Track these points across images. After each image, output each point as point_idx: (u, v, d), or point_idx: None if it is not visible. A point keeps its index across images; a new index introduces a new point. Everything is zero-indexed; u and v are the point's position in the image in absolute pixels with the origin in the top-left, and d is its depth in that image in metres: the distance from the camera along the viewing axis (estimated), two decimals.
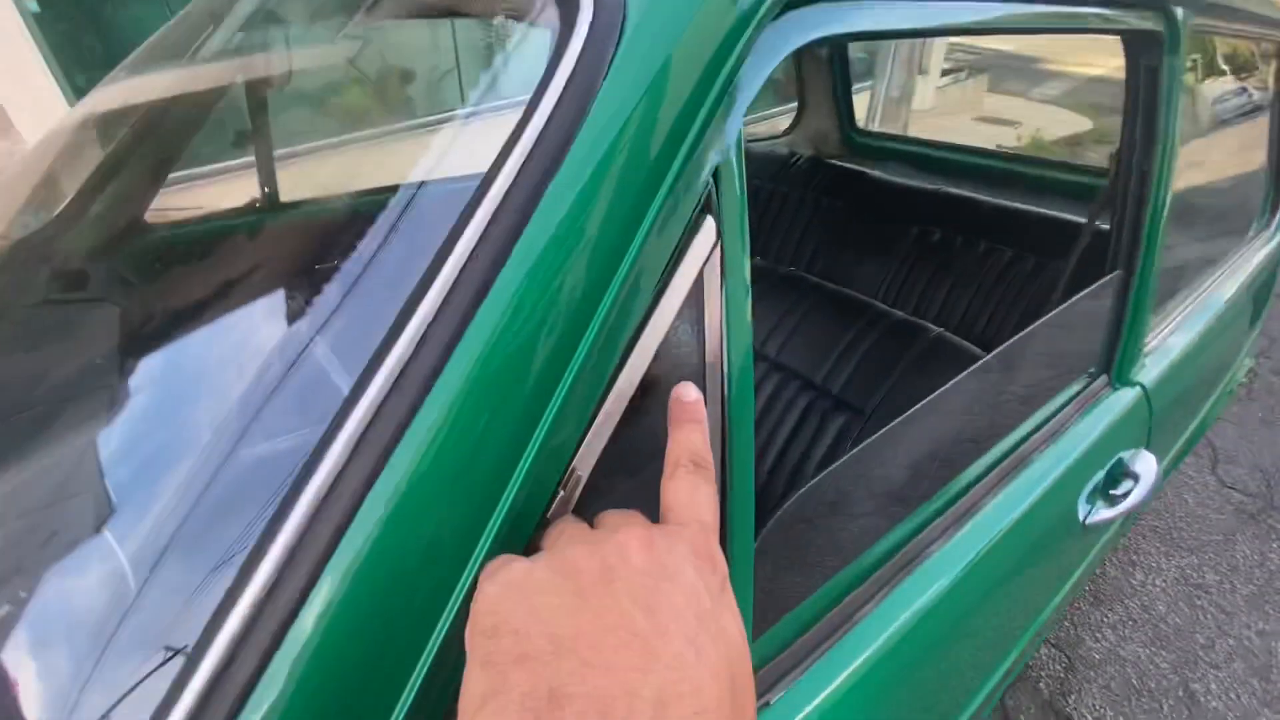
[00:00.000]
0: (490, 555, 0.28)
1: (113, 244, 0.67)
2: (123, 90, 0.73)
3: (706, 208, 0.34)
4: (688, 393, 0.32)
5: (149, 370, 0.48)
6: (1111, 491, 0.78)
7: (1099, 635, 1.68)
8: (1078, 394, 0.80)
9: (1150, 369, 0.88)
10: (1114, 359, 0.81)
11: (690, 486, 0.28)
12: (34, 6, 3.44)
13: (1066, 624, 1.69)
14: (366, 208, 0.45)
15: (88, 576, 0.36)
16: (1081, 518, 0.76)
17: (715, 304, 0.35)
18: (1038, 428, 0.77)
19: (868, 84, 5.41)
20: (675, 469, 0.29)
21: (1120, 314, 0.79)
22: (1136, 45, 0.72)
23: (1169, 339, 0.95)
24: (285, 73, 0.74)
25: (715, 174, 0.33)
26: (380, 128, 1.28)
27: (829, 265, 1.87)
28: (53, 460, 0.44)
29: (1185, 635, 1.68)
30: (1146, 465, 0.81)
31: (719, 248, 0.34)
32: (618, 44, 0.30)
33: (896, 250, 1.69)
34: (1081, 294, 0.81)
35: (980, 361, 0.80)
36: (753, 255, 1.47)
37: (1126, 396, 0.83)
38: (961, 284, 1.55)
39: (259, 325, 0.47)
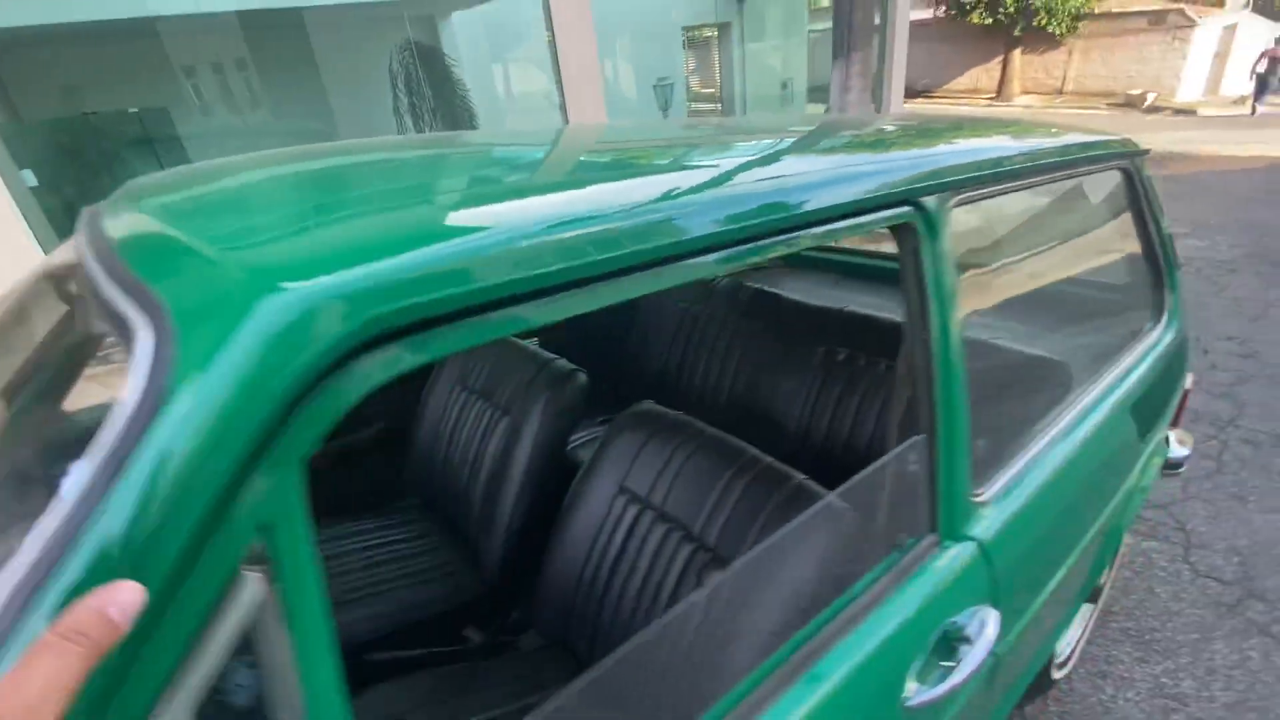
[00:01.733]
0: None
1: None
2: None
3: (257, 560, 0.36)
4: (119, 590, 0.30)
5: None
6: (942, 662, 0.76)
7: None
8: (904, 555, 0.79)
9: (990, 519, 0.87)
10: (936, 516, 0.81)
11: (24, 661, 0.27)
12: (31, 180, 3.73)
13: None
14: None
15: None
16: (905, 698, 0.72)
17: (282, 657, 0.36)
18: (860, 593, 0.76)
19: None
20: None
21: (932, 473, 0.80)
22: (898, 234, 0.77)
23: (1018, 480, 0.95)
24: None
25: (268, 525, 0.36)
26: None
27: (752, 385, 1.90)
28: None
29: None
30: (982, 624, 0.79)
31: (272, 600, 0.36)
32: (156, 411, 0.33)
33: (809, 369, 1.72)
34: (890, 455, 0.82)
35: (807, 513, 0.81)
36: (678, 382, 1.49)
37: (957, 554, 0.82)
38: (868, 402, 1.57)
39: None
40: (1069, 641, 1.72)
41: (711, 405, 1.98)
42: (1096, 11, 15.45)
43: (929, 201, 0.75)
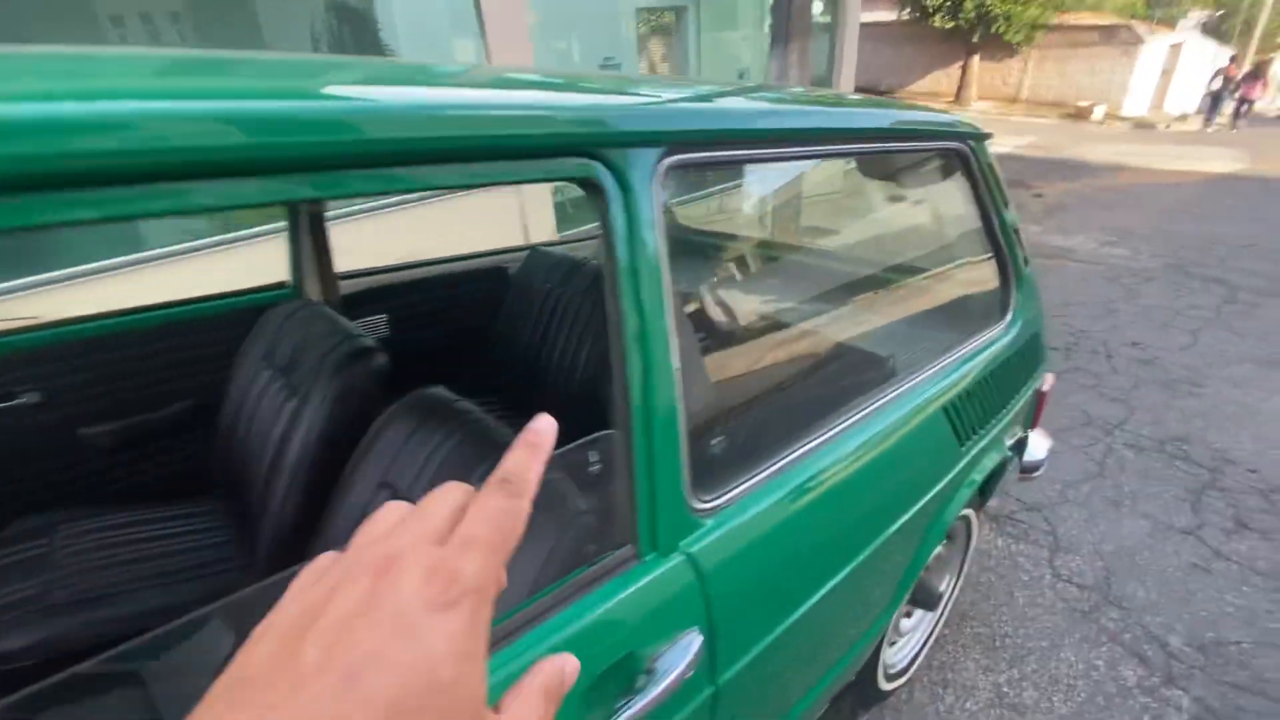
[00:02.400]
0: None
1: None
2: None
3: None
4: (539, 421, 0.30)
5: None
6: (620, 697, 0.64)
7: None
8: (590, 568, 0.68)
9: (716, 532, 0.76)
10: (635, 527, 0.70)
11: (479, 500, 0.26)
12: None
13: None
14: None
15: None
16: None
17: None
18: (526, 608, 0.64)
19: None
20: (485, 484, 0.27)
21: (630, 478, 0.68)
22: (588, 190, 0.64)
23: (769, 486, 0.84)
24: None
25: None
26: None
27: (602, 366, 1.79)
28: None
29: None
30: (677, 654, 0.68)
31: None
32: None
33: None
34: (575, 444, 0.70)
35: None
36: (537, 362, 1.30)
37: (661, 572, 0.71)
38: None
39: None
40: (907, 651, 1.66)
41: (567, 384, 1.86)
42: (1053, 23, 15.77)
43: (618, 156, 0.63)
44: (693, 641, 0.70)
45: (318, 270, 1.71)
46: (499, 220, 5.11)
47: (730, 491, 0.79)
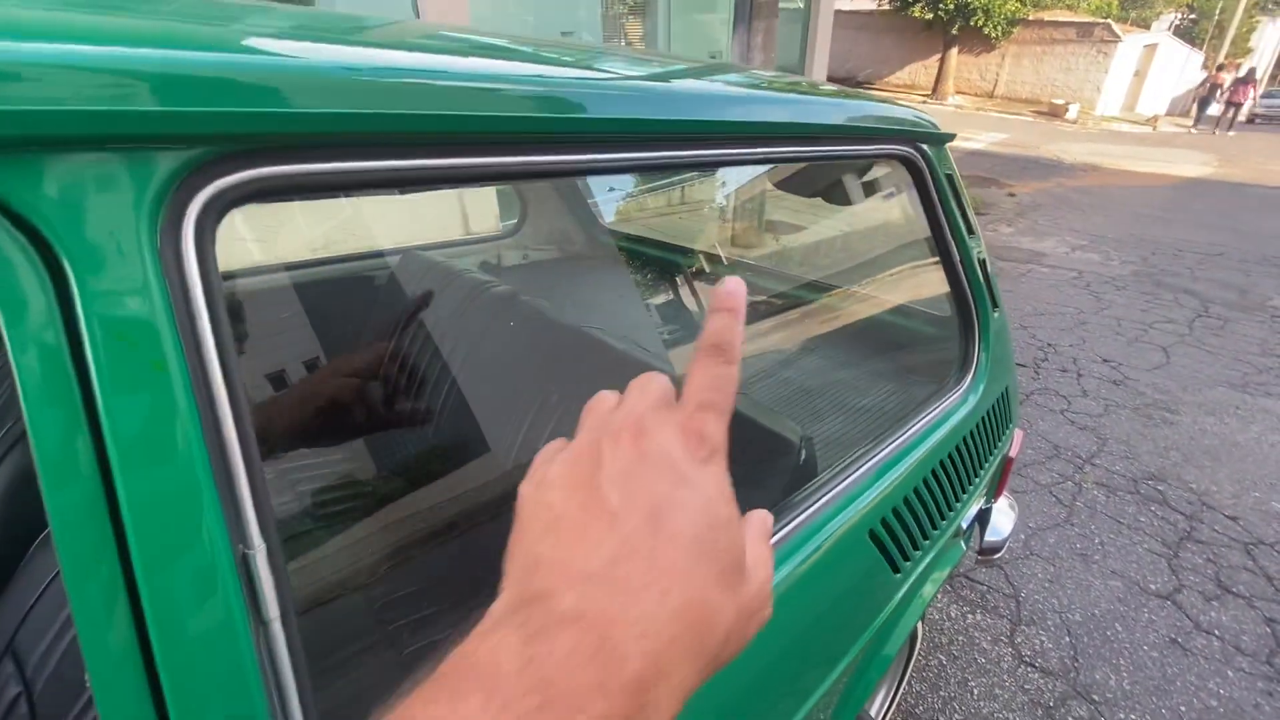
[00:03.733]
0: None
1: None
2: None
3: None
4: (728, 283, 0.30)
5: None
6: None
7: None
8: None
9: None
10: None
11: (698, 370, 0.29)
12: None
13: None
14: None
15: None
16: None
17: None
18: None
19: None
20: (696, 354, 0.29)
21: None
22: None
23: None
24: None
25: None
26: None
27: (461, 404, 1.42)
28: None
29: None
30: None
31: None
32: None
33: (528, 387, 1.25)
34: None
35: None
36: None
37: None
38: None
39: None
40: None
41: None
42: (1030, 18, 15.60)
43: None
44: None
45: None
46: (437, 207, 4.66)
47: None
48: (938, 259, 1.03)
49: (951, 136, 0.95)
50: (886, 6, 16.86)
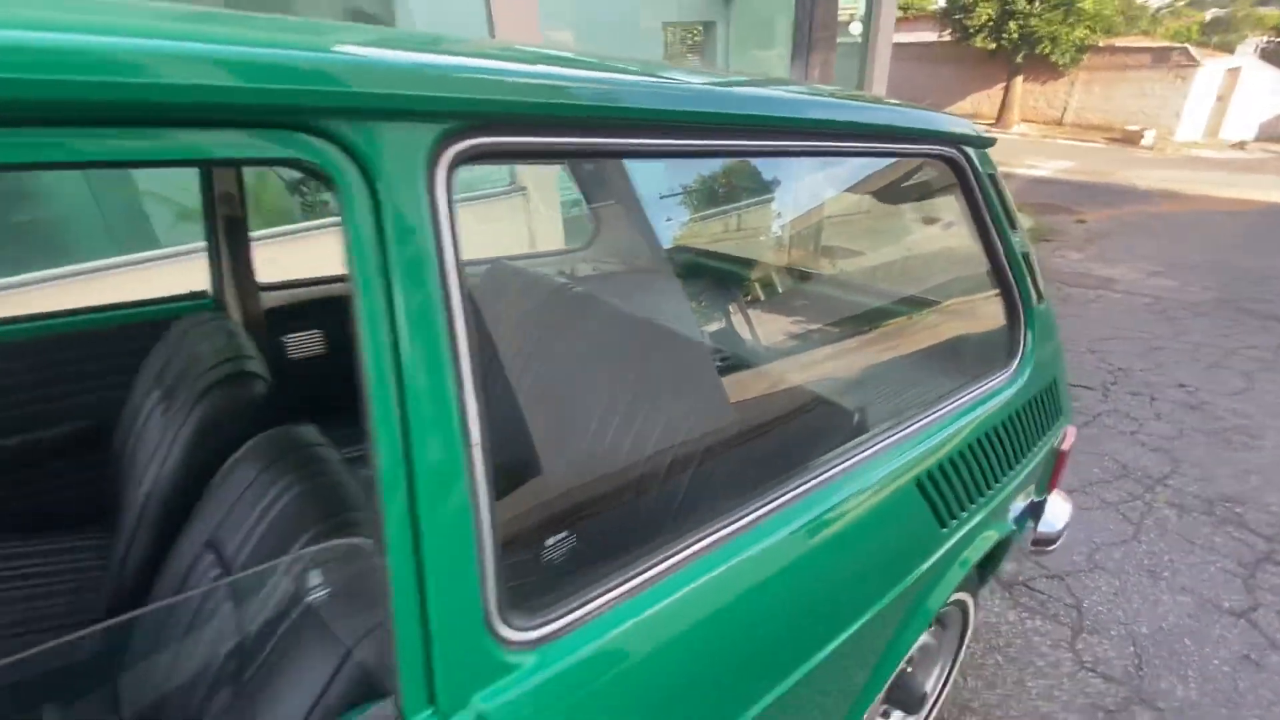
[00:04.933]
0: None
1: None
2: None
3: None
4: None
5: None
6: None
7: None
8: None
9: (541, 674, 0.53)
10: (398, 669, 0.48)
11: None
12: None
13: None
14: None
15: None
16: None
17: None
18: None
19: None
20: None
21: (388, 605, 0.47)
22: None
23: (649, 596, 0.61)
24: None
25: None
26: None
27: (542, 390, 1.59)
28: None
29: None
30: None
31: None
32: None
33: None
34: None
35: None
36: None
37: None
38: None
39: None
40: None
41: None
42: (1100, 44, 15.22)
43: (347, 132, 0.42)
44: None
45: (234, 281, 1.55)
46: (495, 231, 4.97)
47: (577, 608, 0.56)
48: (986, 258, 1.13)
49: (993, 141, 1.07)
50: (947, 38, 16.81)
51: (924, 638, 1.28)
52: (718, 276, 2.22)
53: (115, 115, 0.35)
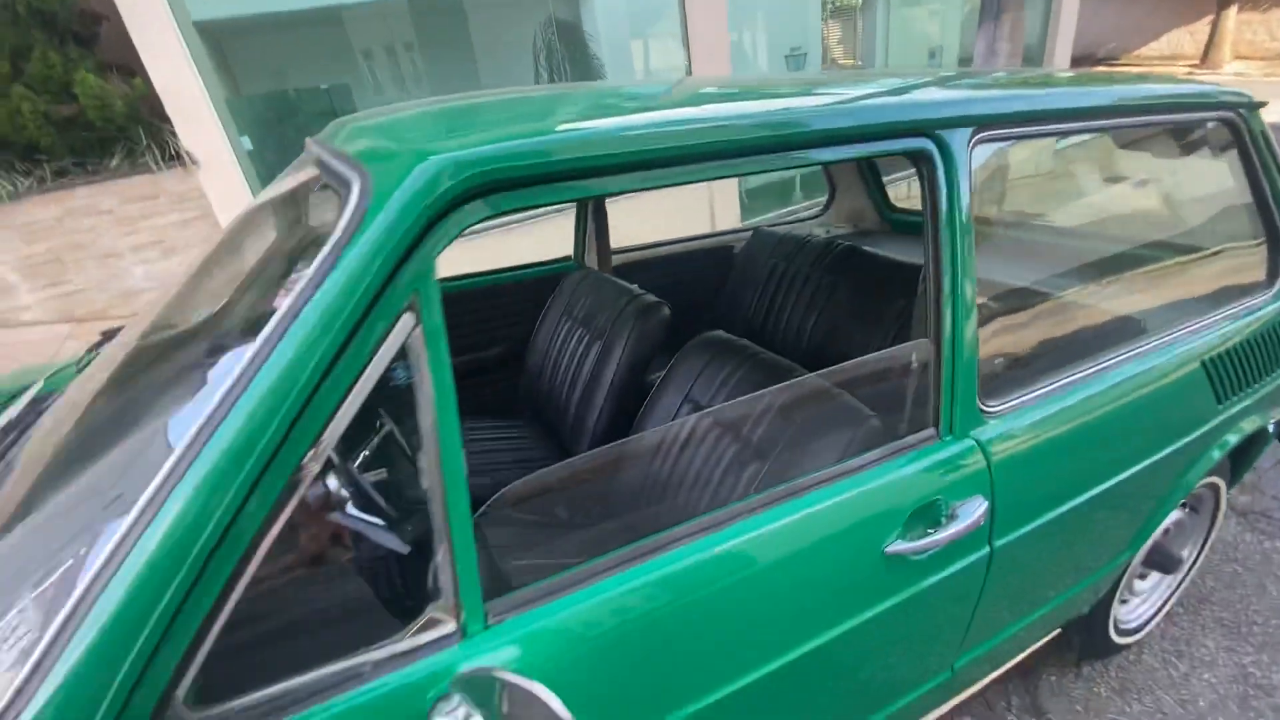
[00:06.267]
0: None
1: None
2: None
3: (410, 308, 0.60)
4: None
5: None
6: (928, 529, 0.88)
7: None
8: (898, 439, 0.93)
9: (996, 428, 0.96)
10: (938, 415, 0.92)
11: None
12: (248, 145, 4.54)
13: (1079, 709, 1.58)
14: None
15: None
16: (885, 544, 0.87)
17: (422, 361, 0.61)
18: (853, 459, 0.91)
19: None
20: None
21: (937, 378, 0.91)
22: (916, 163, 0.89)
23: (1040, 401, 1.02)
24: None
25: (417, 289, 0.60)
26: None
27: (831, 332, 2.02)
28: None
29: None
30: (971, 509, 0.90)
31: (420, 330, 0.60)
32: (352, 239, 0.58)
33: (887, 320, 1.81)
34: (887, 352, 0.96)
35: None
36: (763, 330, 1.70)
37: (955, 449, 0.93)
38: None
39: None
40: (1139, 614, 1.69)
41: (792, 351, 2.12)
42: None
43: (944, 135, 0.87)
44: (980, 505, 0.92)
45: (596, 247, 2.14)
46: (690, 210, 5.49)
47: (1010, 401, 1.00)
48: (1254, 200, 1.40)
49: (1265, 103, 1.33)
50: None
51: (1179, 513, 1.57)
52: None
53: (850, 137, 0.82)
